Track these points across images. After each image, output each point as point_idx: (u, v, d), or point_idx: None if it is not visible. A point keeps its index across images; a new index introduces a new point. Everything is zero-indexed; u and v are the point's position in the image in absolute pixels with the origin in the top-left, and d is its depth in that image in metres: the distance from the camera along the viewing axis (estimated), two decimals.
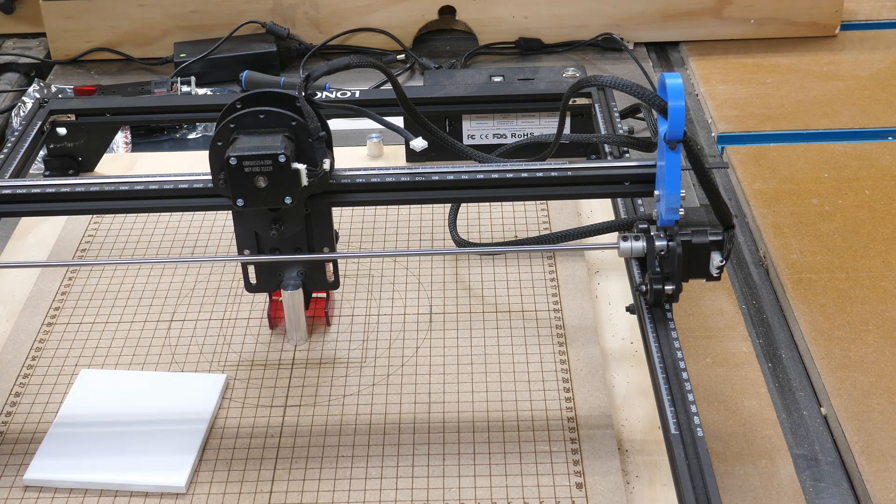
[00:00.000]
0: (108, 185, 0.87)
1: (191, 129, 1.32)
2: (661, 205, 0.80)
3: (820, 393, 0.91)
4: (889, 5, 1.58)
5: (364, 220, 1.08)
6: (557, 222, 1.07)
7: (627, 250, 0.83)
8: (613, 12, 1.47)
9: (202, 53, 1.41)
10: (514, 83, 1.20)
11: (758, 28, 1.48)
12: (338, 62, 0.84)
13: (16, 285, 1.02)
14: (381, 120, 0.88)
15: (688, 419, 0.73)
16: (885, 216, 1.10)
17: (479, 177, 0.85)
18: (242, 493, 0.79)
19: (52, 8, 1.46)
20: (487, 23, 1.48)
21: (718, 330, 0.96)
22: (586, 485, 0.78)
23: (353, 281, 1.00)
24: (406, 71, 1.46)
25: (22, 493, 0.80)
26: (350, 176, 0.86)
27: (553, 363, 0.89)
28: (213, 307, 0.98)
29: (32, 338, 0.94)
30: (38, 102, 1.14)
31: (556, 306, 0.96)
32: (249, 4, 1.46)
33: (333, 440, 0.83)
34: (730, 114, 1.31)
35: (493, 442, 0.82)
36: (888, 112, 1.30)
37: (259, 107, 0.82)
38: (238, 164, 0.80)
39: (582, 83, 0.86)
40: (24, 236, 1.10)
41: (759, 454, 0.83)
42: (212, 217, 1.09)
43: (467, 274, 1.00)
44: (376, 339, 0.93)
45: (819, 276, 1.02)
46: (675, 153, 0.77)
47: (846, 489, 0.82)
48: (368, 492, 0.79)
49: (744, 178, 1.18)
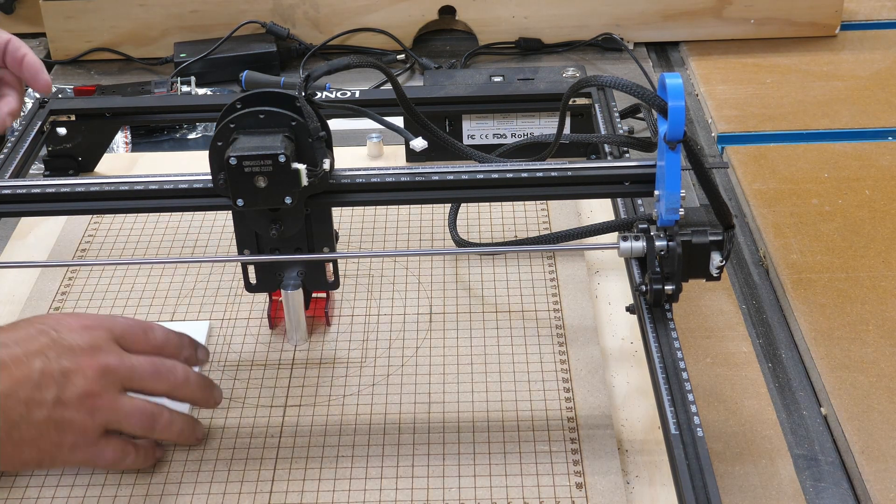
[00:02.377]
0: (108, 185, 0.87)
1: (191, 129, 1.32)
2: (661, 205, 0.80)
3: (820, 393, 0.91)
4: (889, 5, 1.58)
5: (364, 220, 1.08)
6: (557, 222, 1.07)
7: (627, 250, 0.83)
8: (613, 12, 1.47)
9: (202, 53, 1.41)
10: (514, 83, 1.20)
11: (758, 28, 1.48)
12: (338, 62, 0.84)
13: (16, 285, 1.02)
14: (381, 120, 0.88)
15: (688, 419, 0.73)
16: (885, 216, 1.10)
17: (479, 177, 0.85)
18: (242, 493, 0.79)
19: (52, 8, 1.46)
20: (487, 23, 1.48)
21: (718, 330, 0.96)
22: (586, 485, 0.78)
23: (353, 281, 1.00)
24: (406, 71, 1.46)
25: (22, 492, 0.80)
26: (350, 176, 0.86)
27: (553, 363, 0.89)
28: (213, 307, 0.98)
29: None
30: (38, 102, 1.14)
31: (556, 306, 0.96)
32: (249, 4, 1.46)
33: (333, 440, 0.83)
34: (730, 114, 1.31)
35: (493, 442, 0.82)
36: (888, 112, 1.30)
37: (259, 107, 0.82)
38: (238, 164, 0.80)
39: (582, 83, 0.86)
40: (24, 236, 1.10)
41: (759, 454, 0.83)
42: (212, 217, 1.09)
43: (467, 274, 1.00)
44: (376, 339, 0.93)
45: (819, 276, 1.02)
46: (675, 153, 0.77)
47: (846, 489, 0.82)
48: (368, 492, 0.79)
49: (744, 178, 1.18)
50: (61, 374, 0.75)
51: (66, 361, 0.75)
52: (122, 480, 0.80)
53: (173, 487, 0.80)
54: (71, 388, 0.75)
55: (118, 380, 0.77)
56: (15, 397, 0.73)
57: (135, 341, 0.80)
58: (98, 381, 0.76)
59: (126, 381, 0.78)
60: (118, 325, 0.80)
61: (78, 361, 0.76)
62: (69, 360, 0.76)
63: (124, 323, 0.81)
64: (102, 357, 0.77)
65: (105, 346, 0.78)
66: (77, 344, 0.77)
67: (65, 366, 0.75)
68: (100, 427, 0.77)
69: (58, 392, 0.74)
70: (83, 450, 0.77)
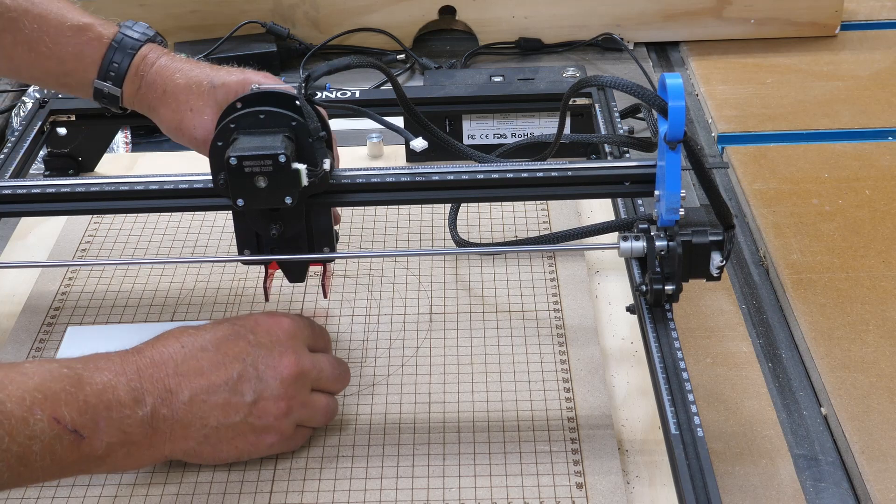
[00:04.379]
0: (108, 185, 0.87)
1: None
2: (661, 205, 0.80)
3: (820, 393, 0.91)
4: (889, 5, 1.58)
5: (364, 220, 1.08)
6: (557, 222, 1.07)
7: (627, 250, 0.83)
8: (613, 12, 1.47)
9: (202, 53, 1.41)
10: (514, 83, 1.20)
11: (758, 28, 1.48)
12: (338, 62, 0.84)
13: (16, 285, 1.02)
14: (381, 120, 0.88)
15: (688, 419, 0.74)
16: (885, 216, 1.10)
17: (479, 177, 0.85)
18: (242, 494, 0.79)
19: None
20: (487, 23, 1.48)
21: (718, 330, 0.96)
22: (586, 485, 0.78)
23: (353, 281, 1.00)
24: (406, 71, 1.46)
25: (22, 492, 0.80)
26: (350, 176, 0.86)
27: (553, 363, 0.89)
28: (212, 307, 0.98)
29: (32, 338, 0.94)
30: (38, 102, 1.14)
31: (556, 306, 0.96)
32: (249, 4, 1.46)
33: (333, 440, 0.83)
34: (730, 114, 1.31)
35: (493, 442, 0.82)
36: (888, 112, 1.30)
37: (259, 107, 0.82)
38: (238, 164, 0.80)
39: (582, 83, 0.86)
40: (24, 236, 1.10)
41: (759, 454, 0.83)
42: (212, 217, 1.09)
43: (467, 274, 1.00)
44: (376, 339, 0.93)
45: (819, 276, 1.02)
46: (675, 153, 0.77)
47: (846, 489, 0.82)
48: (368, 492, 0.79)
49: (744, 178, 1.18)
50: (258, 379, 0.77)
51: (263, 366, 0.77)
52: (123, 480, 0.80)
53: (173, 488, 0.80)
54: (268, 392, 0.77)
55: (309, 381, 0.80)
56: (212, 402, 0.75)
57: (316, 341, 0.83)
58: (293, 384, 0.78)
59: (315, 383, 0.81)
60: (305, 326, 0.82)
61: (274, 365, 0.78)
62: (265, 365, 0.78)
63: (309, 324, 0.83)
64: (296, 360, 0.79)
65: (298, 349, 0.80)
66: (273, 348, 0.78)
67: (261, 370, 0.77)
68: (293, 425, 0.80)
69: (255, 396, 0.77)
70: (279, 445, 0.80)
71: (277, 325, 0.80)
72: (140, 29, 0.94)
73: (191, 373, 0.75)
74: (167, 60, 0.93)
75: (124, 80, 0.93)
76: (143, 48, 0.93)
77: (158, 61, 0.93)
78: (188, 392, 0.75)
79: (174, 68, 0.92)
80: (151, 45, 0.94)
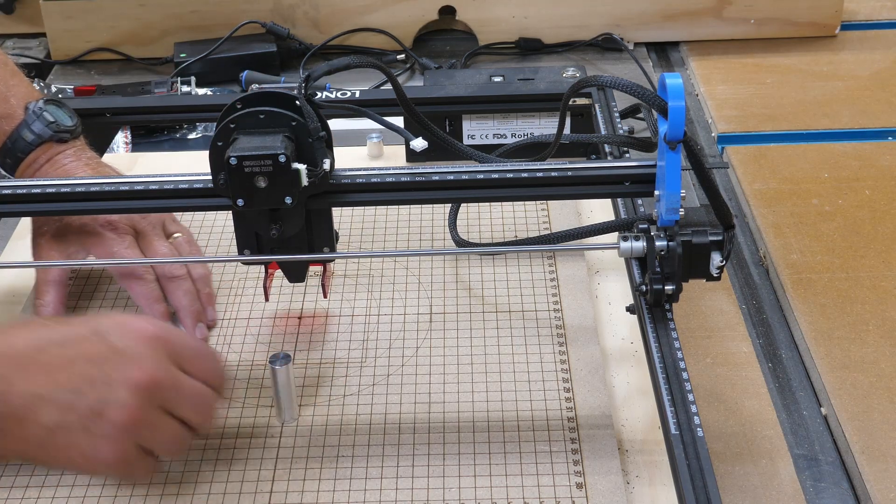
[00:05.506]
0: (108, 185, 0.87)
1: (191, 129, 1.32)
2: (661, 205, 0.80)
3: (820, 393, 0.91)
4: (889, 5, 1.58)
5: (364, 220, 1.08)
6: (557, 222, 1.07)
7: (627, 250, 0.83)
8: (613, 12, 1.47)
9: (202, 53, 1.41)
10: (514, 83, 1.20)
11: (758, 28, 1.48)
12: (338, 62, 0.84)
13: (16, 285, 1.02)
14: (381, 120, 0.88)
15: (688, 419, 0.73)
16: (885, 216, 1.10)
17: (479, 177, 0.85)
18: (242, 493, 0.79)
19: (52, 8, 1.46)
20: (487, 23, 1.48)
21: (718, 330, 0.96)
22: (586, 485, 0.78)
23: (353, 281, 1.00)
24: (406, 71, 1.46)
25: (22, 492, 0.80)
26: (350, 176, 0.86)
27: (553, 363, 0.89)
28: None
29: None
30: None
31: (556, 306, 0.96)
32: (249, 4, 1.46)
33: (333, 440, 0.83)
34: (730, 114, 1.31)
35: (493, 442, 0.82)
36: (888, 112, 1.30)
37: (259, 107, 0.82)
38: (238, 164, 0.80)
39: (582, 83, 0.86)
40: (24, 236, 1.09)
41: (759, 454, 0.83)
42: (212, 217, 1.09)
43: (467, 274, 1.00)
44: (376, 339, 0.93)
45: (819, 276, 1.02)
46: (675, 153, 0.77)
47: (846, 489, 0.82)
48: (368, 492, 0.79)
49: (744, 178, 1.18)
50: (105, 383, 0.71)
51: (112, 369, 0.71)
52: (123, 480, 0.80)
53: (173, 488, 0.80)
54: (112, 397, 0.71)
55: (163, 398, 0.73)
56: (53, 401, 0.70)
57: (189, 362, 0.76)
58: (143, 395, 0.72)
59: (170, 403, 0.74)
60: (176, 340, 0.76)
61: (125, 370, 0.71)
62: (116, 369, 0.71)
63: (182, 339, 0.77)
64: (152, 369, 0.72)
65: (158, 359, 0.73)
66: (129, 353, 0.72)
67: (110, 373, 0.71)
68: (134, 445, 0.73)
69: (98, 400, 0.71)
70: (116, 466, 0.73)
71: (140, 330, 0.74)
72: (38, 128, 0.98)
73: (35, 367, 0.70)
74: (49, 168, 0.98)
75: (15, 171, 0.99)
76: (32, 153, 0.98)
77: (41, 170, 0.98)
78: (27, 386, 0.70)
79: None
80: (44, 147, 0.98)
